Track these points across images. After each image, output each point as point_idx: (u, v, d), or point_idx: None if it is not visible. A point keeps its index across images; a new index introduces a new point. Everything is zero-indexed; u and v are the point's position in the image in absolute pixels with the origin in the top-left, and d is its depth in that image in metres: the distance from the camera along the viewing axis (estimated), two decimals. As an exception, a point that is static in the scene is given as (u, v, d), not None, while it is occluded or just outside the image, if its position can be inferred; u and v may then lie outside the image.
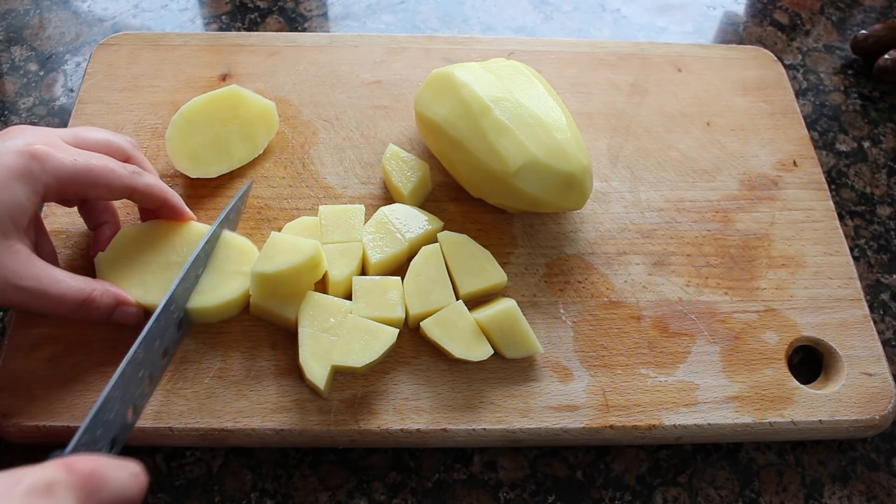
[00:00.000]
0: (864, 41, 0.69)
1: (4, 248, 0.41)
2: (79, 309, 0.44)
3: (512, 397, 0.48)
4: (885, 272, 0.58)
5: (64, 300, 0.43)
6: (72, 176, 0.43)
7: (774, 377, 0.49)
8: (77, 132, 0.47)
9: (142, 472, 0.35)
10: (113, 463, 0.33)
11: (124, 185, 0.46)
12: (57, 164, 0.42)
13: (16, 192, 0.41)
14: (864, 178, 0.63)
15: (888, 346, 0.54)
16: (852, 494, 0.48)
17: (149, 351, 0.42)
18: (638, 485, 0.48)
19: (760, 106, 0.63)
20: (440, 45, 0.65)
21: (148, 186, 0.47)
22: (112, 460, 0.33)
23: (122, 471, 0.33)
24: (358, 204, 0.54)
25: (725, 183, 0.59)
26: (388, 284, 0.49)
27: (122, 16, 0.71)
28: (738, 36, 0.73)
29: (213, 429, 0.45)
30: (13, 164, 0.41)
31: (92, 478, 0.31)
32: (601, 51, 0.66)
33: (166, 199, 0.49)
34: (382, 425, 0.46)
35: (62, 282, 0.43)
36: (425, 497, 0.47)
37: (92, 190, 0.45)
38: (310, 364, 0.46)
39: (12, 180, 0.41)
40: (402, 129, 0.60)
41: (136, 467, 0.34)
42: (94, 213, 0.50)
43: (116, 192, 0.46)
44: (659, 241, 0.55)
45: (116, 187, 0.45)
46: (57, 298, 0.43)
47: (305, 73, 0.63)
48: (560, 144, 0.50)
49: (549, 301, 0.52)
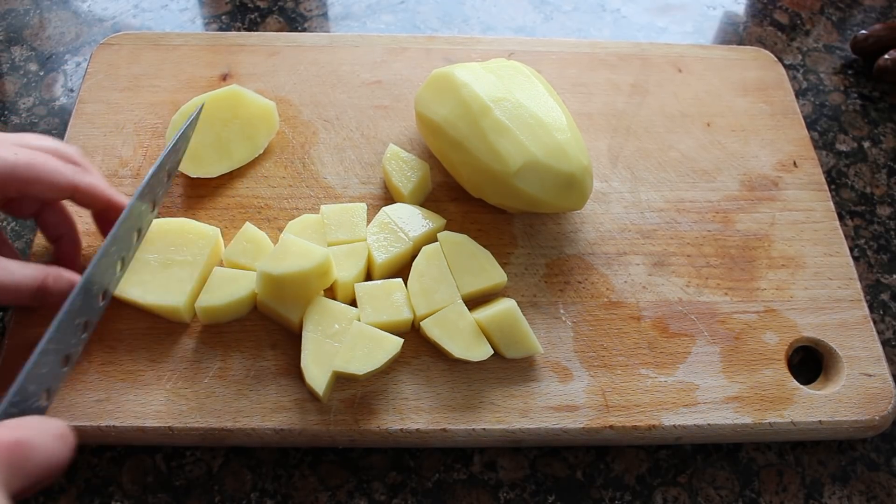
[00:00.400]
0: (864, 41, 0.69)
1: None
2: (34, 296, 0.43)
3: (512, 397, 0.48)
4: (885, 272, 0.58)
5: (19, 289, 0.42)
6: (11, 171, 0.42)
7: (774, 378, 0.49)
8: (23, 136, 0.46)
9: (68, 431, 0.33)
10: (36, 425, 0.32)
11: (67, 182, 0.45)
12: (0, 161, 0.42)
13: None
14: (864, 178, 0.63)
15: (888, 346, 0.54)
16: (852, 494, 0.48)
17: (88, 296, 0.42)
18: (638, 485, 0.48)
19: (761, 107, 0.63)
20: (441, 46, 0.65)
21: (91, 185, 0.46)
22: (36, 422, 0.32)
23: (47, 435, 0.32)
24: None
25: (726, 183, 0.59)
26: (391, 287, 0.49)
27: (122, 16, 0.71)
28: (738, 36, 0.73)
29: (213, 428, 0.45)
30: None
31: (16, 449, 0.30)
32: (602, 51, 0.66)
33: (110, 199, 0.47)
34: (382, 425, 0.46)
35: (15, 272, 0.42)
36: (425, 497, 0.47)
37: (33, 186, 0.44)
38: (311, 369, 0.46)
39: None
40: (403, 129, 0.60)
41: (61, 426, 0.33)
42: (51, 224, 0.49)
43: (58, 190, 0.45)
44: (659, 242, 0.55)
45: (58, 184, 0.44)
46: (11, 288, 0.42)
47: (306, 73, 0.63)
48: (560, 145, 0.50)
49: (549, 301, 0.52)
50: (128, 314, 0.49)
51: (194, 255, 0.49)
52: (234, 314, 0.49)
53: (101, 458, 0.47)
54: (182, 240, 0.50)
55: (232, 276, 0.49)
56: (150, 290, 0.48)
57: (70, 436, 0.34)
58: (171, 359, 0.48)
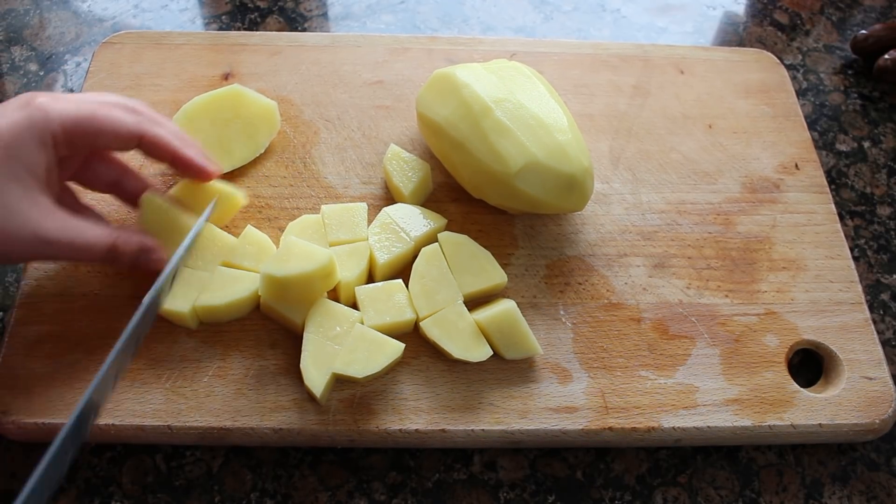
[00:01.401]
0: (864, 41, 0.69)
1: (27, 200, 0.41)
2: (105, 257, 0.44)
3: (511, 398, 0.48)
4: (885, 272, 0.58)
5: (91, 249, 0.43)
6: (76, 122, 0.42)
7: (774, 380, 0.49)
8: (85, 94, 0.46)
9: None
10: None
11: (131, 132, 0.45)
12: (60, 111, 0.42)
13: (26, 144, 0.41)
14: (864, 178, 0.63)
15: (888, 347, 0.54)
16: (852, 494, 0.48)
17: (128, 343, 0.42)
18: (638, 485, 0.48)
19: (762, 109, 0.63)
20: (442, 46, 0.65)
21: (157, 135, 0.46)
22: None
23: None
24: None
25: (727, 185, 0.58)
26: (392, 289, 0.49)
27: (122, 16, 0.71)
28: (738, 36, 0.73)
29: (212, 427, 0.45)
30: (18, 118, 0.41)
31: None
32: (603, 52, 0.66)
33: (177, 152, 0.47)
34: (381, 425, 0.46)
35: (87, 231, 0.43)
36: (425, 497, 0.47)
37: (99, 138, 0.44)
38: (309, 370, 0.45)
39: (20, 133, 0.41)
40: (404, 129, 0.60)
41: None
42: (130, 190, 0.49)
43: (124, 140, 0.45)
44: (660, 244, 0.55)
45: (123, 134, 0.44)
46: (84, 248, 0.43)
47: (307, 73, 0.62)
48: (561, 146, 0.50)
49: (549, 302, 0.52)
50: (128, 313, 0.49)
51: (206, 261, 0.49)
52: (235, 314, 0.49)
53: (101, 458, 0.47)
54: (198, 244, 0.50)
55: (233, 277, 0.49)
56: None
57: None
58: (171, 358, 0.48)
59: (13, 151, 0.40)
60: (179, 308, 0.47)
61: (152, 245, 0.46)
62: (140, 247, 0.46)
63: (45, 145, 0.42)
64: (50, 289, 0.50)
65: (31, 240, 0.41)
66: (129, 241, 0.45)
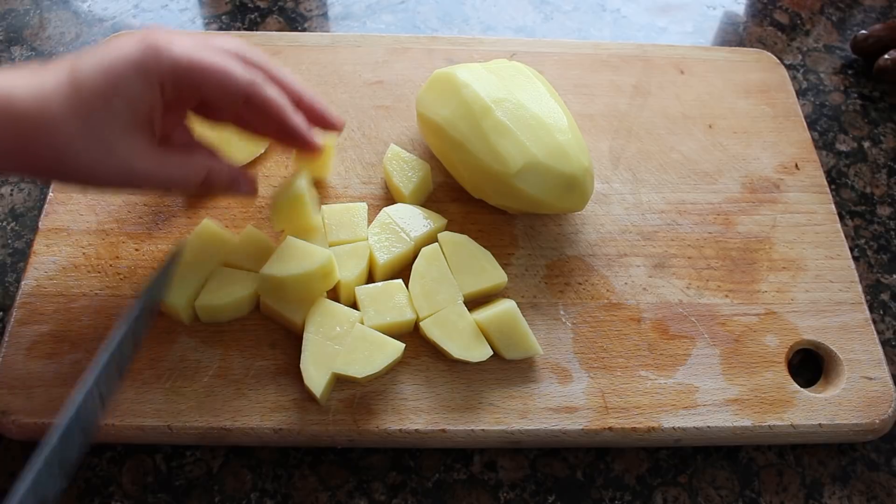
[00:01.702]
0: (864, 41, 0.69)
1: (125, 137, 0.41)
2: (201, 186, 0.46)
3: (511, 398, 0.48)
4: (885, 272, 0.58)
5: (188, 182, 0.45)
6: (188, 69, 0.42)
7: (774, 380, 0.49)
8: (209, 37, 0.45)
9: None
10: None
11: (239, 88, 0.43)
12: (173, 57, 0.41)
13: (132, 83, 0.40)
14: (864, 178, 0.63)
15: (888, 347, 0.54)
16: (852, 494, 0.48)
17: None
18: (638, 485, 0.48)
19: (763, 109, 0.63)
20: (442, 46, 0.65)
21: (266, 99, 0.44)
22: None
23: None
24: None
25: (727, 185, 0.58)
26: (392, 289, 0.49)
27: (122, 16, 0.71)
28: (738, 36, 0.73)
29: (212, 427, 0.45)
30: (130, 54, 0.41)
31: None
32: (604, 52, 0.66)
33: (284, 121, 0.45)
34: (381, 425, 0.46)
35: (183, 166, 0.44)
36: (425, 497, 0.47)
37: (205, 89, 0.43)
38: (309, 370, 0.45)
39: (128, 70, 0.40)
40: (404, 129, 0.60)
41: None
42: (253, 121, 0.48)
43: (230, 95, 0.43)
44: (660, 244, 0.55)
45: (230, 89, 0.43)
46: (181, 181, 0.45)
47: (307, 73, 0.62)
48: (561, 146, 0.50)
49: (550, 302, 0.52)
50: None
51: (206, 260, 0.49)
52: (235, 314, 0.49)
53: (101, 458, 0.47)
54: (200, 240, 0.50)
55: (233, 276, 0.49)
56: None
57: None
58: (171, 357, 0.48)
59: (119, 88, 0.40)
60: (175, 302, 0.47)
61: (242, 176, 0.48)
62: (231, 178, 0.47)
63: (152, 86, 0.41)
64: (50, 289, 0.50)
65: (127, 175, 0.42)
66: (223, 171, 0.47)
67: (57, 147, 0.40)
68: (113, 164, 0.41)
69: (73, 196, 0.54)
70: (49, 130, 0.39)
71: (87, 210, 0.54)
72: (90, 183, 0.43)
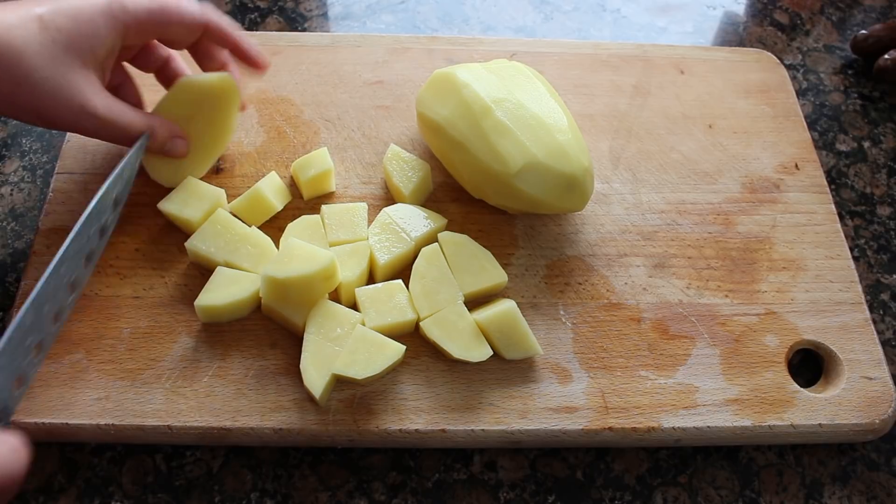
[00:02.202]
0: (864, 41, 0.69)
1: (82, 75, 0.45)
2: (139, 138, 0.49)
3: (511, 398, 0.48)
4: (885, 272, 0.58)
5: (129, 128, 0.48)
6: (148, 15, 0.47)
7: (774, 380, 0.49)
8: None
9: (22, 446, 0.34)
10: None
11: (196, 21, 0.49)
12: (135, 4, 0.47)
13: (98, 26, 0.45)
14: (864, 178, 0.63)
15: (888, 347, 0.54)
16: (852, 494, 0.48)
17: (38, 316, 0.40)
18: (638, 485, 0.48)
19: (763, 109, 0.63)
20: (442, 46, 0.65)
21: (221, 24, 0.51)
22: None
23: (2, 446, 0.33)
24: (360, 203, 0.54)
25: (727, 185, 0.58)
26: (392, 289, 0.49)
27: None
28: (738, 36, 0.73)
29: (212, 427, 0.45)
30: (99, 3, 0.46)
31: None
32: (604, 52, 0.66)
33: (238, 41, 0.52)
34: (381, 425, 0.46)
35: (129, 113, 0.48)
36: (425, 497, 0.47)
37: (168, 28, 0.49)
38: (309, 371, 0.45)
39: (97, 16, 0.45)
40: (404, 129, 0.60)
41: (15, 442, 0.34)
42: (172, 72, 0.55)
43: (191, 28, 0.50)
44: (660, 244, 0.55)
45: (189, 23, 0.49)
46: (124, 127, 0.48)
47: (308, 73, 0.62)
48: (561, 146, 0.50)
49: (550, 302, 0.52)
50: (128, 313, 0.49)
51: (219, 248, 0.51)
52: (235, 314, 0.49)
53: (101, 458, 0.47)
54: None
55: (233, 277, 0.49)
56: None
57: (24, 452, 0.34)
58: (171, 357, 0.48)
59: (84, 30, 0.45)
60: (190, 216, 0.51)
61: (181, 133, 0.52)
62: (171, 132, 0.51)
63: (116, 31, 0.46)
64: (50, 289, 0.50)
65: (77, 111, 0.45)
66: (163, 126, 0.50)
67: (17, 77, 0.43)
68: (67, 98, 0.45)
69: (73, 196, 0.54)
70: (11, 60, 0.43)
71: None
72: (42, 117, 0.46)
